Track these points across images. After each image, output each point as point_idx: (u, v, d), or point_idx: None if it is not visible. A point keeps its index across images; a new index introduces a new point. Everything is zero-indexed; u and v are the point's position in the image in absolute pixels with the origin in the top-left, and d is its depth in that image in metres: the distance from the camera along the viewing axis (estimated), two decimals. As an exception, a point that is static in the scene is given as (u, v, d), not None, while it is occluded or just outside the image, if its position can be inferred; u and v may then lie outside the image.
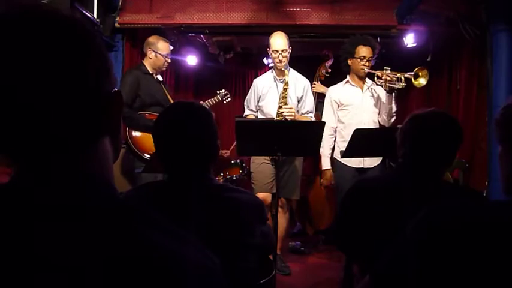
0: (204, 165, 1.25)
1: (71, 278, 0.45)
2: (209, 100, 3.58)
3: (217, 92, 3.80)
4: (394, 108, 3.00)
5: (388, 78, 2.89)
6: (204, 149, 1.24)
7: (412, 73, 2.82)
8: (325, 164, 3.19)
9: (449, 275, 0.78)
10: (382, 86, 2.96)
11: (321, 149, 3.14)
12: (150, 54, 3.13)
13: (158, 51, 3.13)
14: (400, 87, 2.87)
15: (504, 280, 0.75)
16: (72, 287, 0.45)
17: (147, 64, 3.15)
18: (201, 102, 3.11)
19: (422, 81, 2.86)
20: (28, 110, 0.49)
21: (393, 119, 3.05)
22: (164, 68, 3.26)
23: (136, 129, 2.98)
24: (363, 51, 3.06)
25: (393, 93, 2.94)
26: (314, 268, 3.33)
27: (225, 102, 3.84)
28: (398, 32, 3.70)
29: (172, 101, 3.06)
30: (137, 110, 3.02)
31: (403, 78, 2.85)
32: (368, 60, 3.05)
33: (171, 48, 3.25)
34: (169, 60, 3.23)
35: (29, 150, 0.51)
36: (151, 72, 3.14)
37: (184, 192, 1.18)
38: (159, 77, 3.22)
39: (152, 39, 3.18)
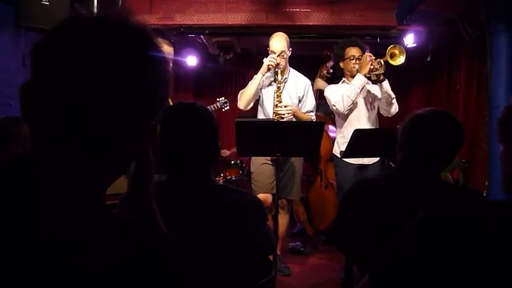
0: (205, 166, 1.25)
1: (73, 282, 0.46)
2: (209, 106, 3.60)
3: (217, 99, 3.89)
4: (392, 95, 3.01)
5: (372, 67, 2.93)
6: (205, 150, 1.24)
7: (386, 54, 2.91)
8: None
9: (447, 275, 0.78)
10: (370, 77, 2.99)
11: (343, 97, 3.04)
12: None
13: None
14: (382, 71, 2.92)
15: (502, 280, 0.75)
16: None
17: None
18: None
19: (401, 59, 2.94)
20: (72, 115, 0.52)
21: (394, 106, 3.05)
22: None
23: None
24: (352, 51, 3.11)
25: (383, 82, 2.96)
26: (314, 268, 3.33)
27: (223, 110, 3.90)
28: (398, 32, 3.71)
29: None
30: None
31: (382, 62, 2.92)
32: (358, 59, 3.08)
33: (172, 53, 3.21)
34: (170, 65, 3.21)
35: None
36: None
37: (185, 193, 1.18)
38: None
39: None
